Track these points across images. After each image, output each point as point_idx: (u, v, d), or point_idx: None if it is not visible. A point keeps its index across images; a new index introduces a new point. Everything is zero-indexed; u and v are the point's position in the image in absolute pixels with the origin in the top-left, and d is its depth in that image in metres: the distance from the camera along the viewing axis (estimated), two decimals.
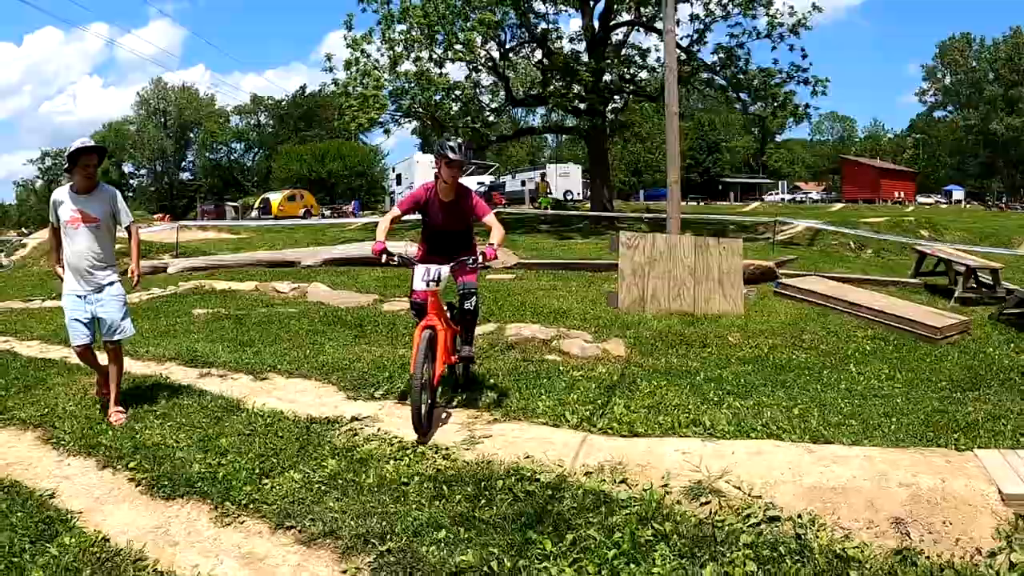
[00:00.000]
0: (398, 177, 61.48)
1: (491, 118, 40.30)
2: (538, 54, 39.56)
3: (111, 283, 7.27)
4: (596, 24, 37.48)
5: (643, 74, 41.11)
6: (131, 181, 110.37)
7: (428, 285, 6.76)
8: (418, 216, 7.59)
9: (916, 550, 4.51)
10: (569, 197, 57.60)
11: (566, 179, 60.80)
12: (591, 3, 37.30)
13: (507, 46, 39.20)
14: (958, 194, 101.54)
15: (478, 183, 60.24)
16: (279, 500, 5.09)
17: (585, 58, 37.63)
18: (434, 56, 35.21)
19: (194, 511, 5.10)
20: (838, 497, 4.90)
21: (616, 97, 40.46)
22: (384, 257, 6.85)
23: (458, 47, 34.31)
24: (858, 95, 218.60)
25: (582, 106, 37.10)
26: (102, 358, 7.42)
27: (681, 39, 38.31)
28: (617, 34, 39.96)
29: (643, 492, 5.05)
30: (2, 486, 5.61)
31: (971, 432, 6.56)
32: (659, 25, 38.09)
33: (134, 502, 5.30)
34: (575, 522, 4.73)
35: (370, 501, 5.03)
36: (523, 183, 61.65)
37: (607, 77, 37.95)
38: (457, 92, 36.83)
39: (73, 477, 5.80)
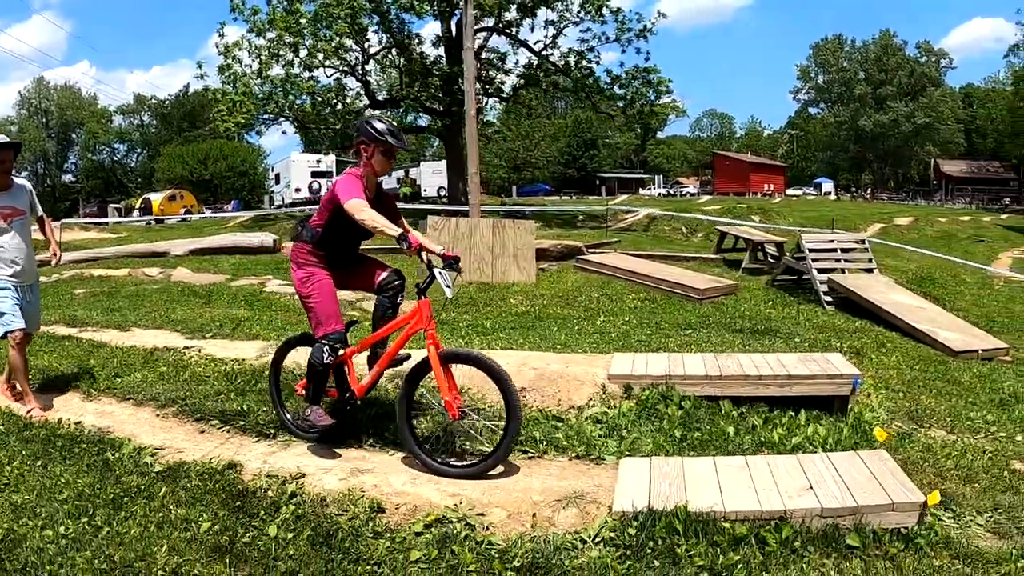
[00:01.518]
0: (277, 176, 62.29)
1: (355, 120, 42.41)
2: (401, 59, 41.38)
3: (38, 279, 7.71)
4: (454, 30, 39.25)
5: (501, 76, 43.71)
6: None
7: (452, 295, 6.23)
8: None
9: (532, 405, 7.17)
10: (442, 193, 59.77)
11: (439, 176, 62.72)
12: (449, 10, 39.47)
13: (371, 52, 41.32)
14: (827, 186, 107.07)
15: None
16: (125, 387, 7.68)
17: (444, 62, 39.96)
18: (302, 60, 37.07)
19: (70, 396, 7.70)
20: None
21: (479, 97, 42.86)
22: (425, 255, 6.14)
23: (320, 55, 36.48)
24: (748, 93, 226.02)
25: (441, 108, 39.57)
26: None
27: (535, 44, 41.08)
28: (478, 38, 42.43)
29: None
30: None
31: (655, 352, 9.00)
32: (518, 33, 40.91)
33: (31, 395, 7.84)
34: None
35: (183, 385, 7.64)
36: (399, 181, 62.92)
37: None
38: (321, 96, 38.93)
39: None
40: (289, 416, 6.64)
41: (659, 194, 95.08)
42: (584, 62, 40.84)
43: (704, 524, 4.80)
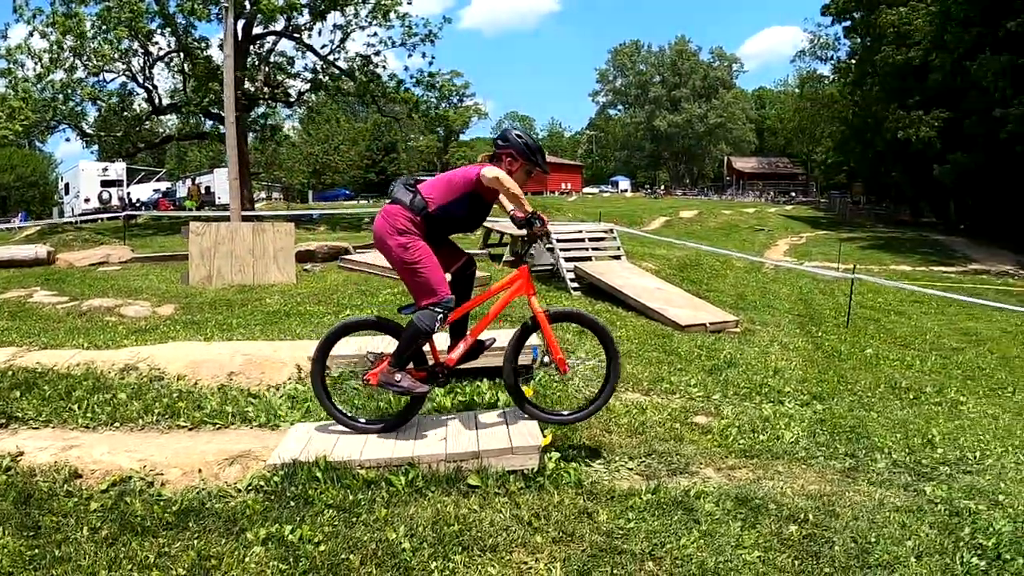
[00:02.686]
0: (66, 186, 60.49)
1: (146, 126, 42.06)
2: (187, 63, 41.34)
3: None
4: (239, 33, 38.58)
5: (290, 81, 44.10)
6: None
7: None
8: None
9: (235, 386, 8.18)
10: None
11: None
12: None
13: (157, 55, 41.11)
14: (624, 184, 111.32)
15: (154, 190, 60.77)
16: None
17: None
18: (86, 65, 36.81)
19: None
20: (204, 364, 8.43)
21: (267, 102, 43.10)
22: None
23: (99, 61, 36.17)
24: (552, 95, 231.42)
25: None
26: None
27: (322, 48, 41.58)
28: (267, 43, 42.68)
29: (91, 371, 8.50)
30: None
31: None
32: (305, 37, 41.25)
33: None
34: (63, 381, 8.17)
35: None
36: (188, 191, 61.22)
37: (252, 85, 40.46)
38: (105, 102, 38.72)
39: None
40: (364, 420, 6.76)
41: None
42: (370, 66, 41.62)
43: (341, 471, 5.79)
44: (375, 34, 41.27)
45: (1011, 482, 6.61)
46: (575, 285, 16.49)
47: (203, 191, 54.59)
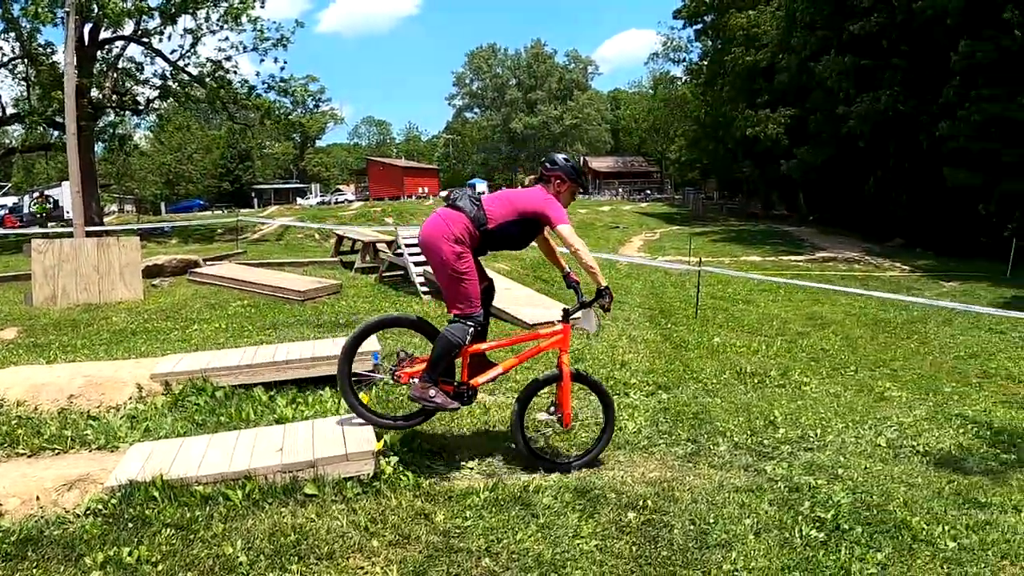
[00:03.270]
0: None
1: None
2: (31, 70, 39.71)
3: None
4: (87, 38, 37.89)
5: (140, 88, 42.82)
6: None
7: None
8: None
9: (75, 409, 7.95)
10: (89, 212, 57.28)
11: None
12: (80, 18, 37.92)
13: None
14: (481, 186, 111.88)
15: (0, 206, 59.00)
16: None
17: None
18: None
19: None
20: (45, 388, 8.17)
21: (115, 110, 41.96)
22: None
23: None
24: (411, 98, 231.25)
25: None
26: None
27: (171, 52, 40.41)
28: (115, 48, 41.17)
29: None
30: None
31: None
32: (155, 42, 40.11)
33: None
34: None
35: None
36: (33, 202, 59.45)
37: (99, 92, 39.22)
38: None
39: None
40: (390, 417, 6.95)
41: (316, 203, 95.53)
42: (220, 72, 40.71)
43: (178, 489, 5.79)
44: (226, 39, 40.73)
45: (851, 455, 7.05)
46: (425, 289, 16.56)
47: (50, 204, 52.98)
